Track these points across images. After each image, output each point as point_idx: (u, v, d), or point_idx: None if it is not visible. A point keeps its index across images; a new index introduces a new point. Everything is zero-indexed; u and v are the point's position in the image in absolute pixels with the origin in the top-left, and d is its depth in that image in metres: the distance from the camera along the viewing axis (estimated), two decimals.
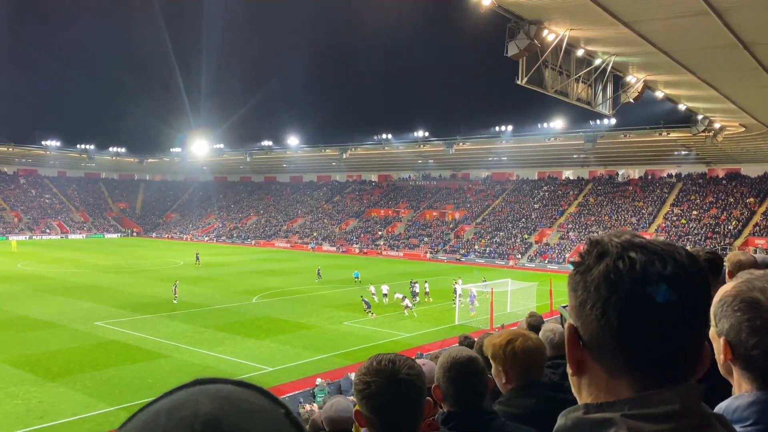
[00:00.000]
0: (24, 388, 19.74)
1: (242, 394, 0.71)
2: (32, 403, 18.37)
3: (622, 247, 1.01)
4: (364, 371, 1.91)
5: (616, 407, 0.96)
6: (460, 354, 2.48)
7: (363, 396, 1.86)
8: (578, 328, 1.03)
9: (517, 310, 32.98)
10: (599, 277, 1.00)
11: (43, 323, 29.30)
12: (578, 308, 1.03)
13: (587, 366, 1.03)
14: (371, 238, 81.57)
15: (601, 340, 1.00)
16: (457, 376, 2.39)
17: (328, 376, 20.21)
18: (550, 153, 77.88)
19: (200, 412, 0.65)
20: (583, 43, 19.61)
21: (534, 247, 68.47)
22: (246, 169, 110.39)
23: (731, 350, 1.40)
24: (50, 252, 67.74)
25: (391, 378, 1.84)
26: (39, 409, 17.89)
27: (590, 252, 1.04)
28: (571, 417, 1.00)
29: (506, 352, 2.57)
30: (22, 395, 19.05)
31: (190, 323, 30.14)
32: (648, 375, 0.98)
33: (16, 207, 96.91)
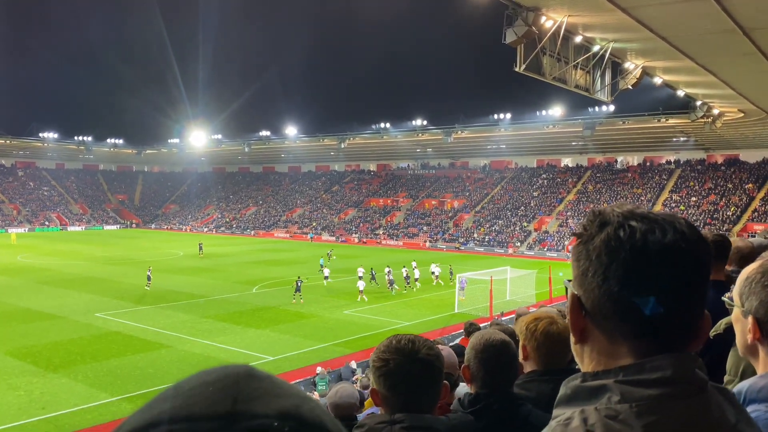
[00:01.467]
0: (26, 379, 19.83)
1: None
2: (34, 394, 18.46)
3: (624, 216, 1.03)
4: (384, 349, 1.90)
5: (611, 374, 0.99)
6: (493, 336, 2.48)
7: (381, 373, 1.85)
8: (581, 297, 1.05)
9: (517, 298, 33.10)
10: (600, 245, 1.02)
11: (44, 315, 29.37)
12: (581, 277, 1.05)
13: (589, 334, 1.06)
14: (370, 227, 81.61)
15: (603, 308, 1.02)
16: (488, 358, 2.39)
17: (328, 364, 20.30)
18: (549, 140, 77.75)
19: (245, 367, 0.71)
20: (581, 30, 19.53)
21: (533, 234, 68.55)
22: (244, 159, 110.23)
23: (760, 328, 1.40)
24: (50, 244, 67.76)
25: (411, 357, 1.84)
26: (41, 400, 17.98)
27: (592, 222, 1.06)
28: (571, 386, 1.03)
29: (529, 329, 2.57)
30: (24, 386, 19.13)
31: (190, 313, 30.23)
32: (647, 342, 1.00)
33: (14, 199, 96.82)
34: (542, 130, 73.75)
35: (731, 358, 2.14)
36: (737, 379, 2.05)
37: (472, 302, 32.23)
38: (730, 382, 2.09)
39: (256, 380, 0.68)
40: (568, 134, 73.71)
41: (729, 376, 2.12)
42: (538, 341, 2.52)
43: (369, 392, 1.98)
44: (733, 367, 2.11)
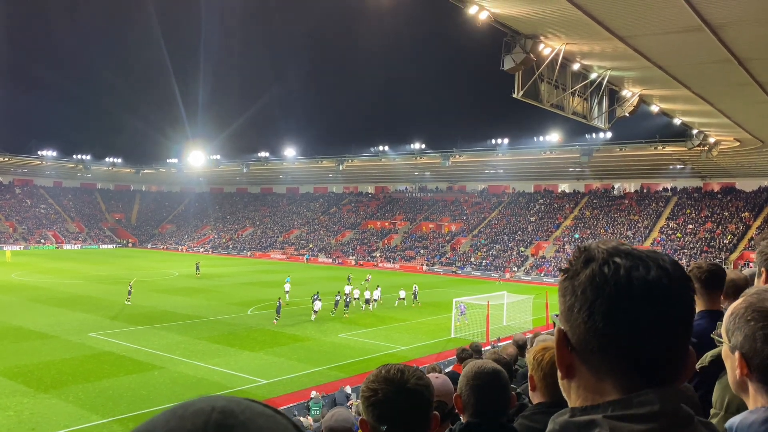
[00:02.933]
0: (16, 399, 19.56)
1: (251, 401, 0.76)
2: (24, 415, 18.20)
3: (608, 252, 1.05)
4: (372, 379, 1.89)
5: (599, 409, 1.00)
6: (485, 365, 2.46)
7: (370, 403, 1.84)
8: (567, 332, 1.07)
9: (513, 323, 32.94)
10: (585, 281, 1.03)
11: (36, 334, 29.09)
12: (567, 312, 1.07)
13: (575, 369, 1.07)
14: (368, 249, 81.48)
15: (588, 343, 1.03)
16: (479, 387, 2.37)
17: (322, 388, 20.10)
18: (546, 166, 78.14)
19: (217, 405, 0.70)
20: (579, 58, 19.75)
21: (530, 259, 68.50)
22: (242, 180, 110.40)
23: (747, 364, 1.39)
24: (45, 262, 67.43)
25: (399, 387, 1.83)
26: (31, 421, 17.72)
27: (578, 258, 1.08)
28: (559, 421, 1.03)
29: (536, 360, 2.54)
30: (14, 406, 18.87)
31: (184, 334, 29.98)
32: (632, 377, 1.01)
33: (11, 217, 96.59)
34: (540, 156, 74.14)
35: (717, 391, 2.13)
36: (723, 413, 2.03)
37: (468, 327, 32.06)
38: (715, 416, 2.07)
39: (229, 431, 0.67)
40: (565, 160, 74.10)
41: (715, 410, 2.11)
42: (545, 371, 2.49)
43: (359, 422, 1.95)
44: (719, 400, 2.09)
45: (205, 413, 0.68)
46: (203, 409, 0.69)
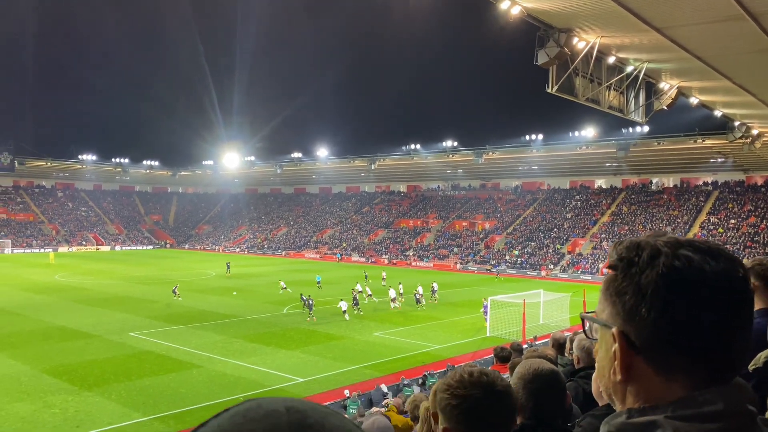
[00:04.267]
0: (61, 397, 20.12)
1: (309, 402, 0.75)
2: (69, 413, 18.71)
3: (672, 246, 1.02)
4: (456, 384, 1.79)
5: (659, 410, 0.97)
6: (542, 366, 2.39)
7: (459, 411, 1.74)
8: (629, 333, 1.02)
9: (550, 322, 32.52)
10: (657, 279, 0.99)
11: (79, 333, 29.89)
12: (629, 312, 1.02)
13: (634, 370, 1.03)
14: (400, 248, 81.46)
15: (658, 342, 0.99)
16: (538, 390, 2.30)
17: (358, 387, 20.15)
18: (582, 162, 76.98)
19: (287, 405, 0.70)
20: (614, 50, 19.36)
21: (566, 257, 67.54)
22: (276, 180, 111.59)
23: None
24: (86, 264, 69.25)
25: (489, 390, 1.76)
26: (75, 419, 18.21)
27: (638, 254, 1.03)
28: (615, 423, 1.00)
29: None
30: (60, 404, 19.42)
31: (221, 334, 30.43)
32: (701, 376, 0.98)
33: (54, 220, 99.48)
34: (575, 151, 73.09)
35: None
36: None
37: (504, 326, 31.77)
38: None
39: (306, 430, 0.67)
40: (601, 155, 72.87)
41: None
42: None
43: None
44: None
45: (279, 414, 0.68)
46: (277, 410, 0.69)
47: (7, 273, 57.32)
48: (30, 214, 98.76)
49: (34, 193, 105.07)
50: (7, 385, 21.29)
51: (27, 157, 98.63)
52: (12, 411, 18.67)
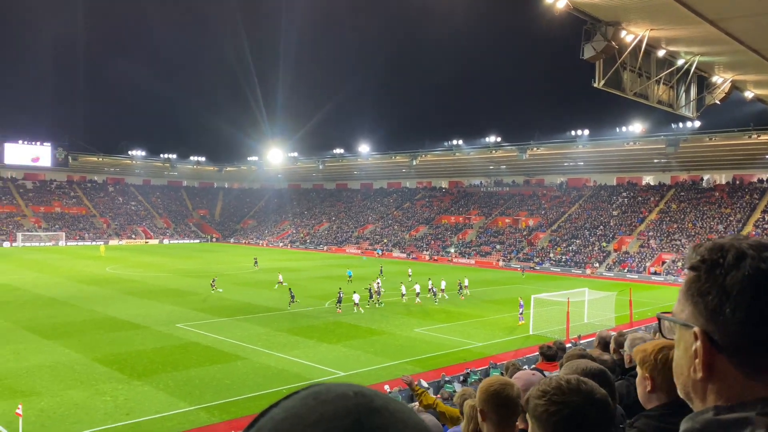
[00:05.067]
0: (112, 385, 20.83)
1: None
2: (119, 400, 19.35)
3: (757, 248, 1.04)
4: (554, 391, 1.72)
5: (749, 407, 0.98)
6: (589, 365, 2.34)
7: (558, 418, 1.67)
8: (711, 332, 1.05)
9: (595, 321, 31.95)
10: (744, 280, 1.01)
11: (129, 324, 30.85)
12: (713, 312, 1.04)
13: (717, 369, 1.05)
14: (441, 245, 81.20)
15: (744, 342, 1.01)
16: None
17: (398, 383, 20.20)
18: (630, 158, 75.20)
19: (354, 388, 0.73)
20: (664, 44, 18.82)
21: (612, 255, 66.14)
22: (318, 176, 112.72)
23: None
24: (135, 256, 71.33)
25: (589, 398, 1.69)
26: (125, 406, 18.83)
27: (722, 256, 1.06)
28: (700, 420, 1.01)
29: (657, 360, 2.43)
30: (111, 392, 20.10)
31: (265, 326, 30.95)
32: None
33: (105, 213, 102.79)
34: (622, 147, 71.48)
35: None
36: None
37: (547, 324, 31.35)
38: None
39: (375, 415, 0.69)
40: (649, 151, 71.07)
41: None
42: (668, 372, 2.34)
43: None
44: None
45: (348, 397, 0.71)
46: (345, 393, 0.72)
47: (61, 265, 59.54)
48: (83, 208, 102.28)
49: (86, 187, 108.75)
50: (61, 372, 22.15)
51: (80, 153, 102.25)
52: (66, 397, 19.43)
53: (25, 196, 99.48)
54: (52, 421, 17.34)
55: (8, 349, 25.29)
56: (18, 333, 28.31)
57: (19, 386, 20.38)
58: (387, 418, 0.69)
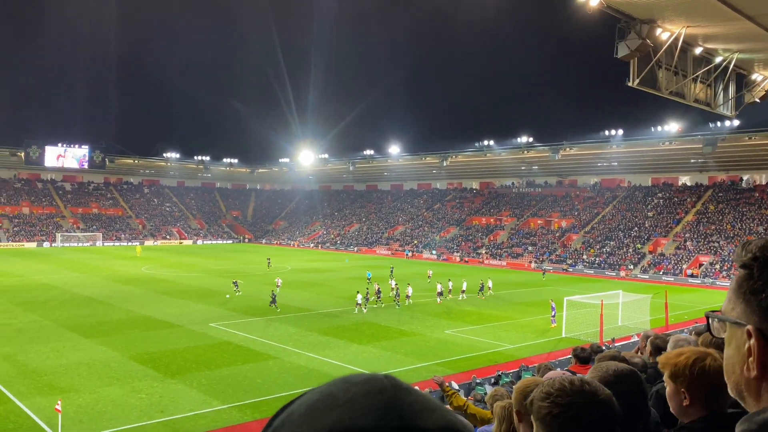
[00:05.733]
0: (147, 383, 21.23)
1: None
2: (154, 398, 19.72)
3: None
4: (557, 393, 1.71)
5: None
6: (619, 367, 2.27)
7: (562, 420, 1.67)
8: (765, 330, 1.05)
9: (629, 324, 31.40)
10: None
11: (163, 323, 31.41)
12: (765, 310, 1.05)
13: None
14: (473, 246, 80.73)
15: None
16: (618, 392, 2.19)
17: (429, 384, 20.14)
18: (665, 158, 73.68)
19: (382, 374, 0.76)
20: (701, 41, 18.41)
21: (647, 257, 64.90)
22: (349, 177, 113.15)
23: None
24: (170, 257, 72.61)
25: (593, 399, 1.67)
26: (160, 404, 19.17)
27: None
28: (758, 420, 1.01)
29: (694, 373, 2.30)
30: (146, 390, 20.50)
31: (296, 326, 31.19)
32: None
33: (140, 214, 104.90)
34: (658, 147, 70.09)
35: None
36: None
37: (580, 327, 30.92)
38: None
39: (407, 393, 0.71)
40: (686, 151, 69.53)
41: None
42: (711, 381, 2.19)
43: None
44: None
45: (379, 378, 0.74)
46: (375, 375, 0.75)
47: (98, 265, 60.95)
48: (119, 209, 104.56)
49: (122, 189, 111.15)
50: (99, 369, 22.67)
51: (116, 155, 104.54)
52: (104, 394, 19.88)
53: (64, 197, 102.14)
54: (90, 418, 17.76)
55: (49, 346, 25.99)
56: (58, 331, 29.08)
57: (59, 383, 20.92)
58: (417, 395, 0.72)
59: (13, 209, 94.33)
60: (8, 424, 17.15)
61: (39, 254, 72.90)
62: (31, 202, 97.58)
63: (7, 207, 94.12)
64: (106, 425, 17.24)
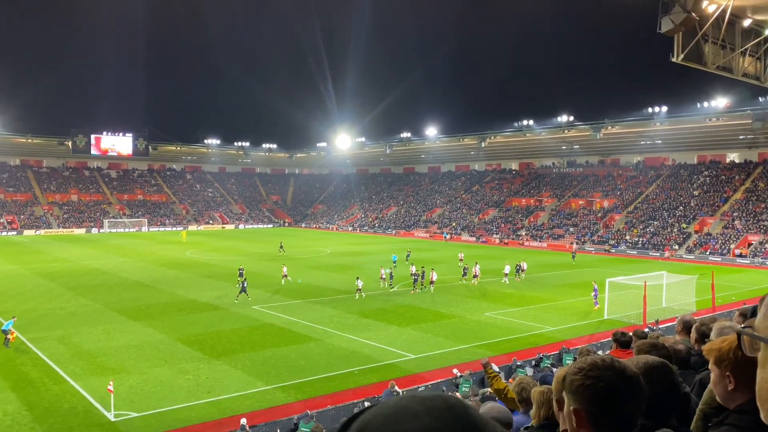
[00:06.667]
0: (194, 364, 21.87)
1: None
2: (201, 379, 20.32)
3: None
4: (589, 367, 1.86)
5: None
6: (649, 360, 2.31)
7: (592, 391, 1.81)
8: None
9: (674, 305, 30.78)
10: None
11: (208, 306, 32.21)
12: None
13: None
14: (512, 228, 79.99)
15: None
16: (649, 385, 2.23)
17: (469, 366, 20.22)
18: (712, 134, 71.37)
19: (447, 395, 0.80)
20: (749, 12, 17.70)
21: (693, 237, 63.25)
22: (386, 160, 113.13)
23: None
24: (213, 241, 74.14)
25: (622, 375, 1.82)
26: (207, 385, 19.75)
27: None
28: None
29: (738, 356, 2.32)
30: (193, 371, 21.12)
31: (336, 309, 31.58)
32: None
33: (184, 200, 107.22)
34: (704, 124, 67.97)
35: None
36: None
37: (623, 308, 30.46)
38: None
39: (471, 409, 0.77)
40: (734, 127, 67.20)
41: None
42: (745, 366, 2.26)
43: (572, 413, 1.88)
44: None
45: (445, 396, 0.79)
46: (440, 393, 0.81)
47: (145, 249, 62.69)
48: (163, 195, 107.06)
49: (166, 175, 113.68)
50: (147, 351, 23.45)
51: (159, 143, 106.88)
52: (153, 375, 20.58)
53: (110, 185, 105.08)
54: (140, 398, 18.43)
55: (99, 329, 26.98)
56: (107, 314, 30.14)
57: (110, 364, 21.74)
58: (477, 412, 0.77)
59: (63, 197, 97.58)
60: (64, 404, 17.94)
61: (88, 240, 75.38)
62: (79, 189, 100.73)
63: (57, 195, 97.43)
64: (155, 405, 17.88)
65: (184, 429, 16.19)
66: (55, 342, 24.69)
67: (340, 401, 17.42)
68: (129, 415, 17.10)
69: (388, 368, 21.63)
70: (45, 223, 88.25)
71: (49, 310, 30.90)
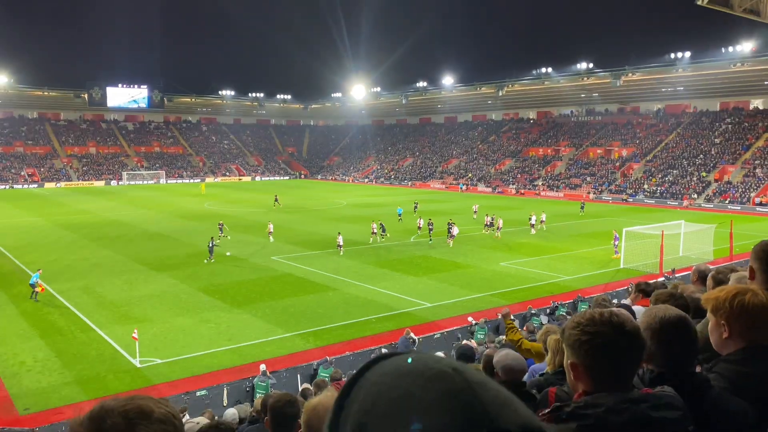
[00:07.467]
0: (215, 313, 22.41)
1: None
2: (222, 327, 20.85)
3: None
4: (587, 322, 1.85)
5: None
6: (667, 313, 2.34)
7: (589, 346, 1.81)
8: None
9: (691, 254, 30.69)
10: None
11: (228, 257, 32.69)
12: None
13: None
14: (529, 178, 79.46)
15: None
16: (667, 337, 2.25)
17: (484, 314, 20.50)
18: (736, 80, 69.50)
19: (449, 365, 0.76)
20: None
21: (713, 185, 62.46)
22: (401, 111, 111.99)
23: None
24: (231, 193, 74.66)
25: (619, 329, 1.81)
26: (228, 333, 20.28)
27: None
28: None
29: (734, 306, 2.38)
30: (214, 320, 21.66)
31: (353, 259, 31.94)
32: None
33: (200, 152, 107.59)
34: (728, 69, 66.17)
35: None
36: None
37: (639, 258, 30.43)
38: None
39: (483, 389, 0.73)
40: (760, 72, 65.36)
41: None
42: (749, 314, 2.29)
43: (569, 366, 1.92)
44: None
45: (450, 374, 0.74)
46: (444, 371, 0.75)
47: (164, 201, 63.39)
48: (180, 147, 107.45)
49: (182, 127, 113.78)
50: (169, 301, 24.02)
51: (174, 94, 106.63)
52: (175, 324, 21.15)
53: (127, 137, 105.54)
54: (164, 345, 19.00)
55: (122, 279, 27.62)
56: (129, 265, 30.77)
57: (133, 313, 22.34)
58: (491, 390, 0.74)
59: (81, 149, 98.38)
60: (91, 351, 18.57)
61: (107, 192, 76.30)
62: (96, 142, 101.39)
63: (75, 147, 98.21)
64: (179, 352, 18.44)
65: (207, 374, 16.73)
66: (80, 292, 25.34)
67: (357, 348, 17.82)
68: (154, 361, 17.68)
69: (405, 316, 22.01)
70: (65, 176, 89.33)
71: (73, 261, 31.60)
